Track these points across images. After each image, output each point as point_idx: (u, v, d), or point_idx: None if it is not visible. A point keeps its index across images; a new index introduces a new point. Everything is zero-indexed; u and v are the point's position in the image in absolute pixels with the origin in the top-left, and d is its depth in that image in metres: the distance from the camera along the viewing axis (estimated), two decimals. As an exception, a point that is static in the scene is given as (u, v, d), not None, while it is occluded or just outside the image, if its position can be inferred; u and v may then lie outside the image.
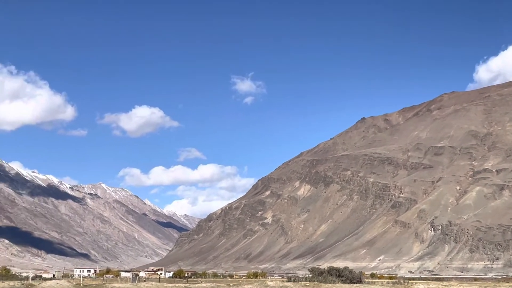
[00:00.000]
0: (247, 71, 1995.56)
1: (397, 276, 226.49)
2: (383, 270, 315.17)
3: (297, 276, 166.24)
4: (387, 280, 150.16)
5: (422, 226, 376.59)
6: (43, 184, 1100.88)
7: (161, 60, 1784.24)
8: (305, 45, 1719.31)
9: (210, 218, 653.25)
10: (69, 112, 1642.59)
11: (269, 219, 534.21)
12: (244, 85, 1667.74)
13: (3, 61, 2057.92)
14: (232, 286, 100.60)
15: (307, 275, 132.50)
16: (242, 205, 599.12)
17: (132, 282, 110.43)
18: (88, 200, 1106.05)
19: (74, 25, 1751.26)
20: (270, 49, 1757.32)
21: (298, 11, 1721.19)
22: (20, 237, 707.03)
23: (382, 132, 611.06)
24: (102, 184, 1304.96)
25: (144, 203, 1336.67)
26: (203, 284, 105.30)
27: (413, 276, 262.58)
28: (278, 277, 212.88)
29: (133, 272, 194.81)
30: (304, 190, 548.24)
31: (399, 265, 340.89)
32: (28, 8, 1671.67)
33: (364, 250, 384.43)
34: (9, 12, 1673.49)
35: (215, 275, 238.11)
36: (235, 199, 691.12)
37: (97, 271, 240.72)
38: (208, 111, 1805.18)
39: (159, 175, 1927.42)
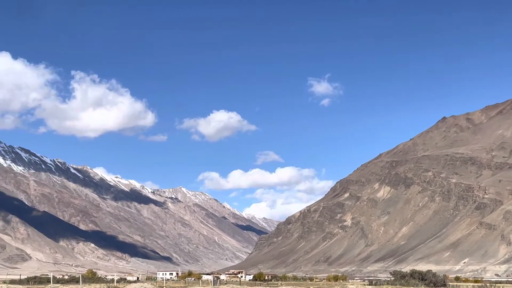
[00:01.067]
0: (323, 73, 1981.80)
1: (483, 279, 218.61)
2: (468, 274, 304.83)
3: (379, 279, 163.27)
4: (472, 284, 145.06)
5: (509, 228, 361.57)
6: (126, 189, 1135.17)
7: (237, 65, 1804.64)
8: (382, 45, 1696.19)
9: (289, 221, 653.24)
10: (150, 118, 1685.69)
11: (348, 222, 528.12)
12: (321, 87, 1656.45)
13: (86, 70, 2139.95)
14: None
15: (389, 279, 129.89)
16: (321, 208, 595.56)
17: (213, 285, 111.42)
18: (169, 204, 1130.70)
19: (153, 33, 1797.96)
20: (346, 50, 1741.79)
21: (373, 11, 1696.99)
22: (105, 240, 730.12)
23: (464, 131, 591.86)
24: (182, 188, 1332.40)
25: (223, 207, 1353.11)
26: (284, 287, 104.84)
27: (499, 279, 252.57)
28: (359, 280, 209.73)
29: (214, 275, 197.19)
30: (383, 192, 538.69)
31: (484, 268, 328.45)
32: (110, 18, 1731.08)
33: (448, 253, 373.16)
34: (91, 23, 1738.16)
35: (295, 278, 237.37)
36: (314, 202, 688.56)
37: (179, 274, 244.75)
38: (285, 114, 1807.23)
39: (238, 178, 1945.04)
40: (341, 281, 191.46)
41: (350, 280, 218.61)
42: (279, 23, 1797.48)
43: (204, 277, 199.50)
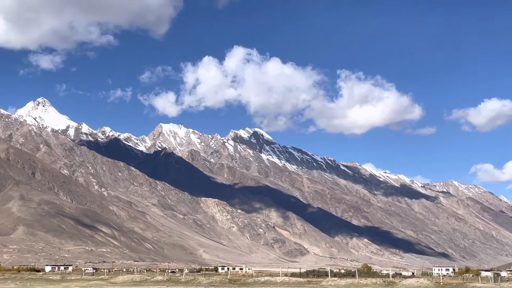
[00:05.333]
0: None
1: None
2: None
3: None
4: None
5: None
6: (395, 184, 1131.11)
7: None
8: None
9: None
10: (416, 112, 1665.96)
11: None
12: None
13: (352, 68, 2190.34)
14: None
15: None
16: None
17: (494, 282, 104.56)
18: (441, 199, 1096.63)
19: (417, 26, 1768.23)
20: None
21: None
22: (378, 235, 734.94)
23: None
24: (453, 182, 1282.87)
25: (500, 200, 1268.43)
26: None
27: None
28: None
29: (494, 272, 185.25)
30: None
31: None
32: (369, 16, 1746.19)
33: None
34: (352, 22, 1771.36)
35: None
36: None
37: (456, 270, 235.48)
38: None
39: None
40: None
41: None
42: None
43: (483, 273, 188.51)
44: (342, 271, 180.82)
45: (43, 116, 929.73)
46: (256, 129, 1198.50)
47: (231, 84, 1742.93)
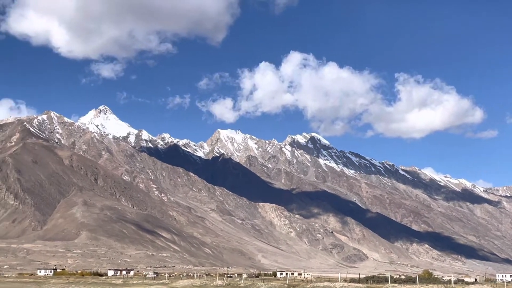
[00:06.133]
0: None
1: None
2: None
3: None
4: None
5: None
6: (456, 189, 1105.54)
7: None
8: None
9: None
10: (478, 115, 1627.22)
11: None
12: None
13: (410, 71, 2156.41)
14: None
15: None
16: None
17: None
18: (504, 203, 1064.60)
19: (478, 27, 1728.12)
20: None
21: None
22: (439, 241, 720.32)
23: None
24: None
25: None
26: None
27: None
28: None
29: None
30: None
31: None
32: (426, 18, 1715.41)
33: None
34: (409, 24, 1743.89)
35: None
36: None
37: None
38: None
39: None
40: None
41: None
42: None
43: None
44: (403, 277, 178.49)
45: (105, 123, 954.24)
46: (313, 134, 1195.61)
47: (287, 89, 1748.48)
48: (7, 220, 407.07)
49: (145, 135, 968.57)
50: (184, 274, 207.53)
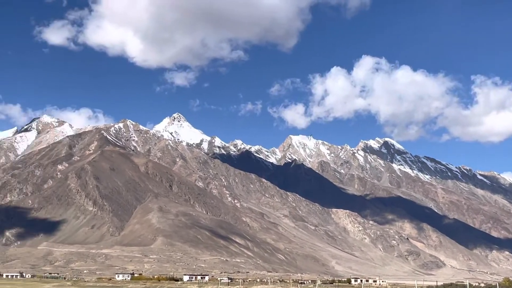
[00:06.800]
0: None
1: None
2: None
3: None
4: None
5: None
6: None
7: None
8: None
9: None
10: None
11: None
12: None
13: (487, 73, 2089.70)
14: None
15: None
16: None
17: None
18: None
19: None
20: None
21: None
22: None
23: None
24: None
25: None
26: None
27: None
28: None
29: None
30: None
31: None
32: (508, 16, 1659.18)
33: None
34: (491, 26, 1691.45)
35: None
36: None
37: None
38: None
39: None
40: None
41: None
42: None
43: None
44: (482, 285, 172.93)
45: (179, 130, 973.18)
46: (386, 139, 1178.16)
47: (360, 94, 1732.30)
48: (87, 226, 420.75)
49: (217, 141, 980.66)
50: (258, 280, 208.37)
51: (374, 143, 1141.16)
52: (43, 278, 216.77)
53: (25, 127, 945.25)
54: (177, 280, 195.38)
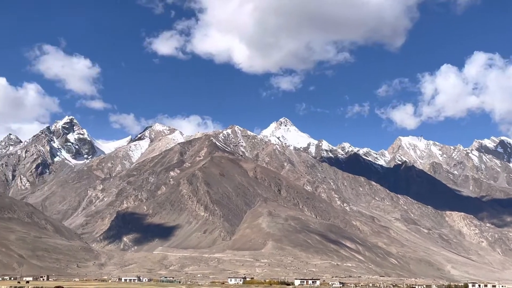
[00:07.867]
0: None
1: None
2: None
3: None
4: None
5: None
6: None
7: None
8: None
9: None
10: None
11: None
12: None
13: None
14: None
15: None
16: None
17: None
18: None
19: None
20: None
21: None
22: None
23: None
24: None
25: None
26: None
27: None
28: None
29: None
30: None
31: None
32: None
33: None
34: None
35: None
36: None
37: None
38: None
39: None
40: None
41: None
42: None
43: None
44: None
45: (286, 135, 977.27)
46: (502, 138, 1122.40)
47: (472, 92, 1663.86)
48: (199, 230, 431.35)
49: (325, 145, 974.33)
50: (370, 285, 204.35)
51: (489, 143, 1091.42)
52: (159, 282, 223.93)
53: (139, 135, 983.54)
54: (289, 284, 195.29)
